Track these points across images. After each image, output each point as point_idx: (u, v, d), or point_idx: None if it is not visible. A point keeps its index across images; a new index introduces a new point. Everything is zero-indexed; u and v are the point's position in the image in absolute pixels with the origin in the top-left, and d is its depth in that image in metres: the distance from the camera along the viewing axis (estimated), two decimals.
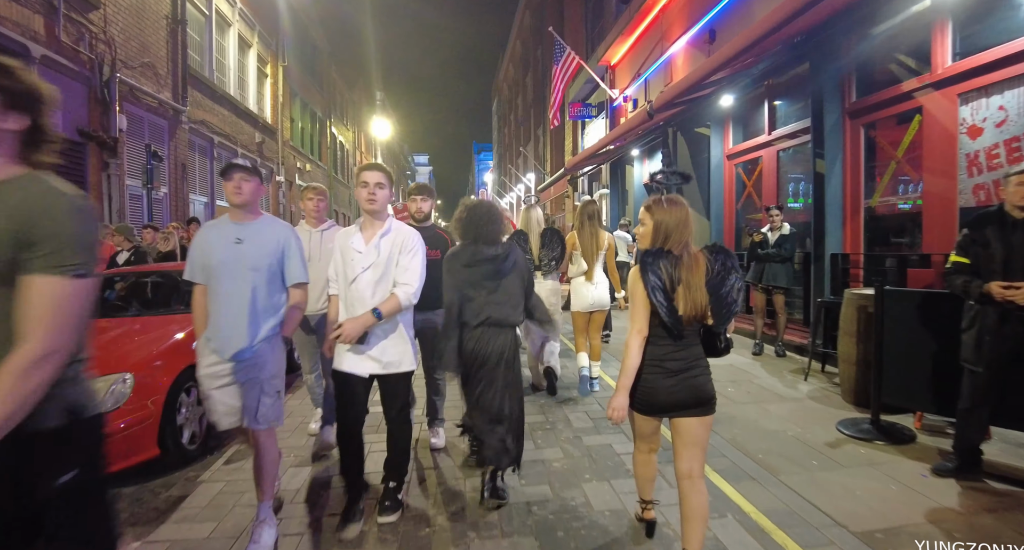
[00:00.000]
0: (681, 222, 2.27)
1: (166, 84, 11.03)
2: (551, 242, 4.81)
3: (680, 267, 2.22)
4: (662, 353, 2.26)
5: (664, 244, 2.27)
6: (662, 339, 2.26)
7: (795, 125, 6.89)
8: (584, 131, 15.73)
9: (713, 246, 2.33)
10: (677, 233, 2.25)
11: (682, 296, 2.20)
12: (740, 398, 4.93)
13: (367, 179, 2.79)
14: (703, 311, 2.22)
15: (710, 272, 2.23)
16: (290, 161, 19.41)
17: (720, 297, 2.21)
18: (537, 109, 26.24)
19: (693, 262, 2.24)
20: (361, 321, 2.62)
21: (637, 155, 11.67)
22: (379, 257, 2.75)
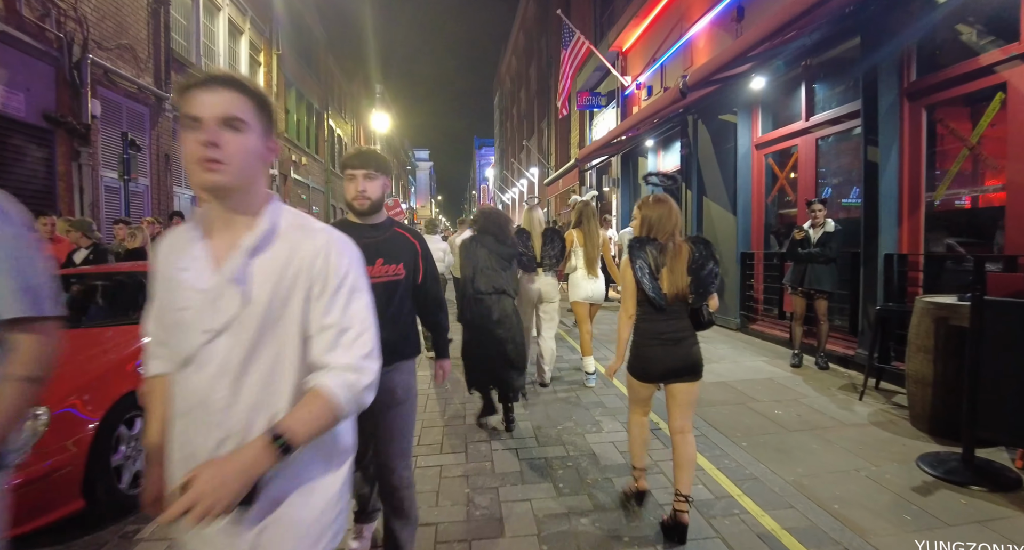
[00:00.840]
0: (664, 216, 2.65)
1: (147, 68, 10.28)
2: (551, 241, 5.11)
3: (665, 254, 2.62)
4: (657, 328, 2.64)
5: (651, 234, 2.66)
6: (653, 315, 2.65)
7: (839, 109, 6.15)
8: (592, 122, 14.98)
9: (696, 237, 2.71)
10: (661, 225, 2.65)
11: (666, 278, 2.61)
12: (792, 423, 4.21)
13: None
14: (684, 291, 2.60)
15: (692, 259, 2.62)
16: (284, 153, 18.66)
17: (700, 279, 2.60)
18: (541, 101, 25.46)
19: (677, 250, 2.63)
20: (236, 467, 1.01)
21: (651, 146, 10.92)
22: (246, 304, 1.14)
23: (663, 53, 10.14)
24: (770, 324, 7.27)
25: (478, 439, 4.00)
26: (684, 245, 2.66)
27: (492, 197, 54.08)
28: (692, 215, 8.98)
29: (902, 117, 5.20)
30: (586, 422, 4.32)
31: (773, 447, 3.78)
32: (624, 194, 12.23)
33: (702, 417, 4.34)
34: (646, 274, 2.59)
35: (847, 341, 5.97)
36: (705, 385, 5.22)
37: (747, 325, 7.52)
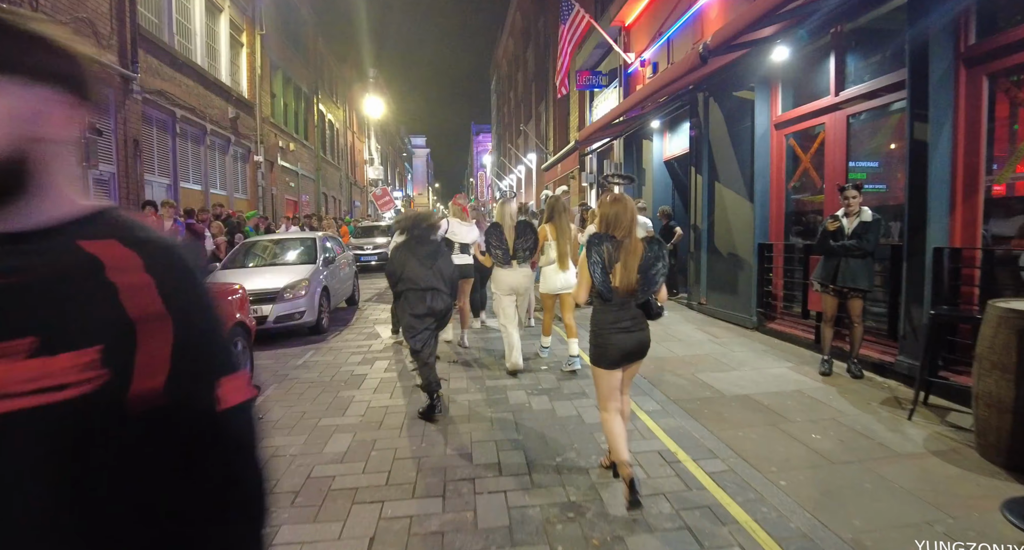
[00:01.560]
0: (620, 213, 2.91)
1: (110, 45, 9.46)
2: (524, 234, 5.25)
3: (620, 250, 2.87)
4: (614, 317, 2.89)
5: (609, 231, 2.91)
6: (606, 305, 2.90)
7: (876, 82, 5.40)
8: (592, 104, 14.17)
9: (650, 238, 2.96)
10: (617, 222, 2.90)
11: (618, 273, 2.87)
12: (835, 452, 3.53)
13: None
14: (634, 286, 2.86)
15: (644, 257, 2.86)
16: (271, 139, 17.84)
17: (647, 277, 2.86)
18: (539, 84, 24.55)
19: (633, 248, 2.88)
20: None
21: (657, 127, 10.16)
22: None
23: (670, 26, 9.33)
24: (791, 323, 6.59)
25: (459, 477, 3.33)
26: (639, 243, 2.89)
27: (490, 184, 53.17)
28: (703, 202, 8.26)
29: (957, 88, 4.46)
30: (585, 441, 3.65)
31: (818, 487, 3.11)
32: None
33: (728, 444, 3.67)
34: (598, 268, 2.84)
35: (883, 346, 5.28)
36: (726, 400, 4.57)
37: (764, 324, 6.84)
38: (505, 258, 5.26)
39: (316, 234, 9.17)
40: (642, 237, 2.93)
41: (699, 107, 8.32)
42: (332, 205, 27.49)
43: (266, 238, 9.16)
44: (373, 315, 9.38)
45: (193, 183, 12.77)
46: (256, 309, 7.14)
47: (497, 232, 5.28)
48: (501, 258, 5.27)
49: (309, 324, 7.56)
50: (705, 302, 8.29)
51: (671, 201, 10.36)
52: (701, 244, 8.33)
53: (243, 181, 15.99)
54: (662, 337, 6.81)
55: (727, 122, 7.66)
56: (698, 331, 7.15)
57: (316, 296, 7.71)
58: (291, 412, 4.58)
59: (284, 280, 7.50)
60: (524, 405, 4.53)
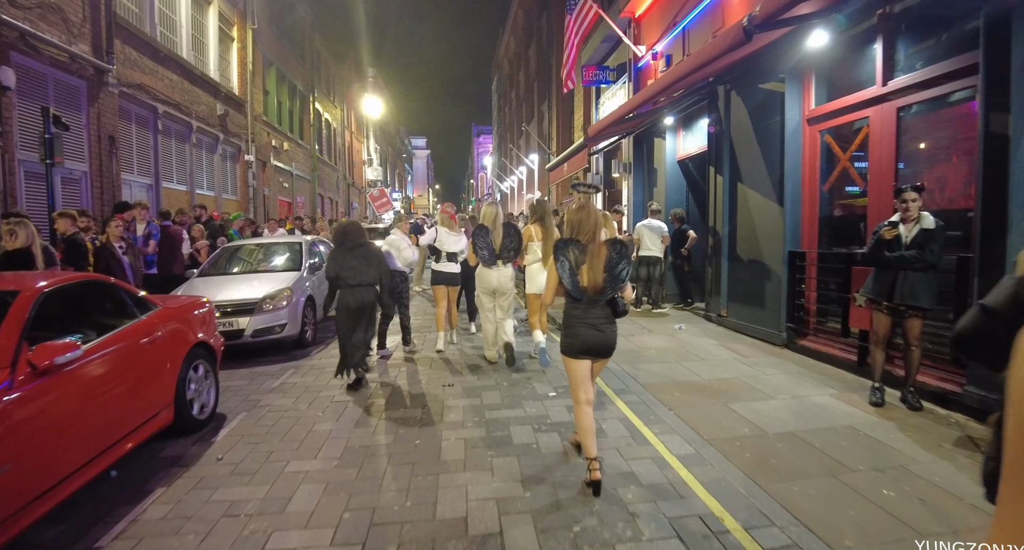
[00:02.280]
0: (584, 220, 3.16)
1: (81, 34, 8.78)
2: (509, 235, 5.51)
3: (586, 253, 3.13)
4: (584, 314, 3.15)
5: (574, 235, 3.18)
6: (576, 304, 3.16)
7: (934, 68, 4.71)
8: (599, 102, 13.47)
9: (613, 240, 3.20)
10: (582, 228, 3.16)
11: (585, 274, 3.11)
12: (920, 518, 2.82)
13: None
14: (601, 285, 3.11)
15: (609, 259, 3.12)
16: (263, 138, 17.16)
17: (613, 277, 3.11)
18: (541, 83, 23.88)
19: (598, 251, 3.14)
20: None
21: (671, 124, 9.46)
22: None
23: (686, 15, 8.65)
24: (827, 341, 5.89)
25: None
26: (604, 246, 3.14)
27: (491, 185, 52.52)
28: (724, 205, 7.56)
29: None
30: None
31: None
32: (637, 181, 10.77)
33: (785, 505, 2.96)
34: (566, 270, 3.09)
35: (943, 372, 4.59)
36: (769, 440, 3.86)
37: (795, 341, 6.14)
38: (491, 258, 5.52)
39: (302, 238, 8.49)
40: (605, 240, 3.22)
41: (719, 101, 7.63)
42: (329, 207, 26.81)
43: (247, 242, 8.47)
44: None
45: (177, 183, 12.08)
46: (231, 322, 6.47)
47: (483, 233, 5.51)
48: (487, 258, 5.52)
49: (291, 338, 6.87)
50: (726, 314, 7.59)
51: (685, 203, 9.67)
52: (721, 250, 7.64)
53: (232, 181, 15.31)
54: (682, 355, 6.11)
55: (752, 117, 6.97)
56: (721, 348, 6.46)
57: (300, 307, 7.02)
58: (256, 452, 3.88)
59: (264, 290, 6.82)
60: (531, 447, 3.83)
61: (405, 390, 5.22)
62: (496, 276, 5.58)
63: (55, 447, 2.84)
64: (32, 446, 2.66)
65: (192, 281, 7.40)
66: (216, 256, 7.99)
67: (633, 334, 7.27)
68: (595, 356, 3.20)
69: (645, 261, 8.69)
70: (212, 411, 4.57)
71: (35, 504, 2.64)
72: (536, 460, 3.59)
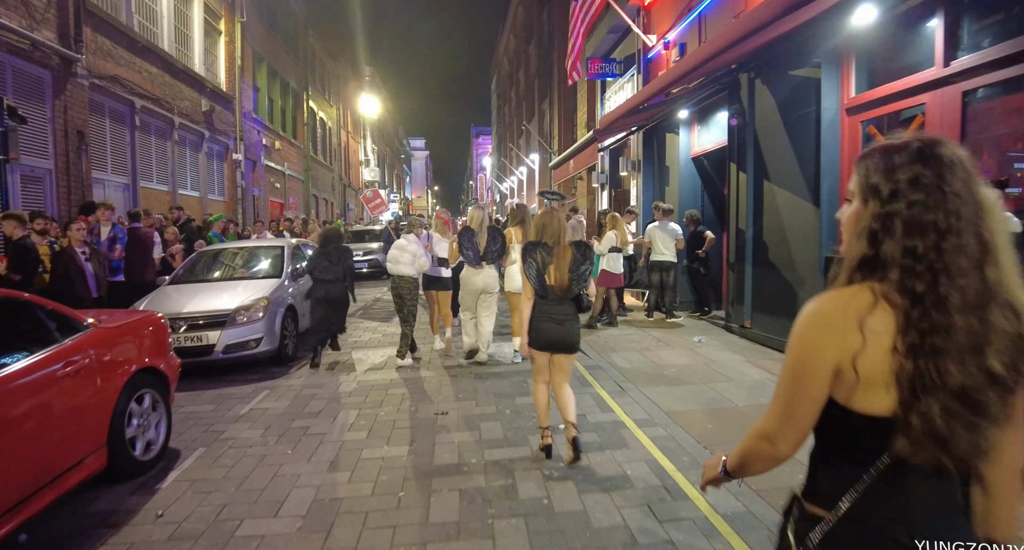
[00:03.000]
0: (549, 224, 3.51)
1: (45, 20, 8.08)
2: (494, 238, 5.68)
3: (552, 255, 3.47)
4: (548, 309, 3.47)
5: (541, 239, 3.51)
6: (543, 300, 3.48)
7: (1008, 45, 4.01)
8: (604, 97, 12.78)
9: (577, 242, 3.57)
10: (547, 232, 3.49)
11: (552, 273, 3.45)
12: None
13: None
14: (566, 284, 3.44)
15: (573, 260, 3.46)
16: (252, 136, 16.46)
17: (578, 274, 3.44)
18: (542, 80, 23.21)
19: (563, 252, 3.48)
20: None
21: (685, 119, 8.77)
22: None
23: (701, 1, 7.96)
24: None
25: None
26: (568, 248, 3.50)
27: (490, 186, 51.88)
28: (747, 205, 6.88)
29: None
30: None
31: None
32: (647, 180, 10.07)
33: None
34: (533, 271, 3.46)
35: None
36: None
37: None
38: (476, 259, 5.68)
39: (285, 242, 7.78)
40: (570, 242, 3.52)
41: (742, 91, 6.94)
42: (324, 208, 26.11)
43: (226, 246, 7.75)
44: (355, 335, 7.98)
45: (158, 182, 11.37)
46: (200, 336, 5.77)
47: (469, 235, 5.69)
48: (472, 259, 5.68)
49: (268, 354, 6.17)
50: (750, 325, 6.90)
51: (700, 203, 8.97)
52: (744, 255, 6.94)
53: (220, 181, 14.60)
54: (707, 375, 5.41)
55: (781, 108, 6.28)
56: (749, 366, 5.76)
57: (278, 318, 6.31)
58: (206, 505, 3.18)
59: (237, 299, 6.11)
60: (540, 504, 3.11)
61: (391, 419, 4.51)
62: (481, 277, 5.79)
63: None
64: None
65: (162, 289, 6.69)
66: (191, 261, 7.29)
67: (649, 348, 6.57)
68: (555, 350, 3.52)
69: (658, 266, 7.99)
70: (162, 448, 3.87)
71: None
72: (541, 520, 2.88)
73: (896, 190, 0.96)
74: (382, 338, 7.78)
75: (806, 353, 0.99)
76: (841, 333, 0.95)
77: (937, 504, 0.98)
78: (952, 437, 0.90)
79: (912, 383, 0.90)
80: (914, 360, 0.90)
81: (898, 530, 0.95)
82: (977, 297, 0.91)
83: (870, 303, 0.95)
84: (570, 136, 18.50)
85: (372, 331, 8.36)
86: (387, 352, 6.82)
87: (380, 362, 6.41)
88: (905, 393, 0.91)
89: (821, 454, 1.06)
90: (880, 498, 0.96)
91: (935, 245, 0.92)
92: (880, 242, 0.96)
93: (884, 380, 0.92)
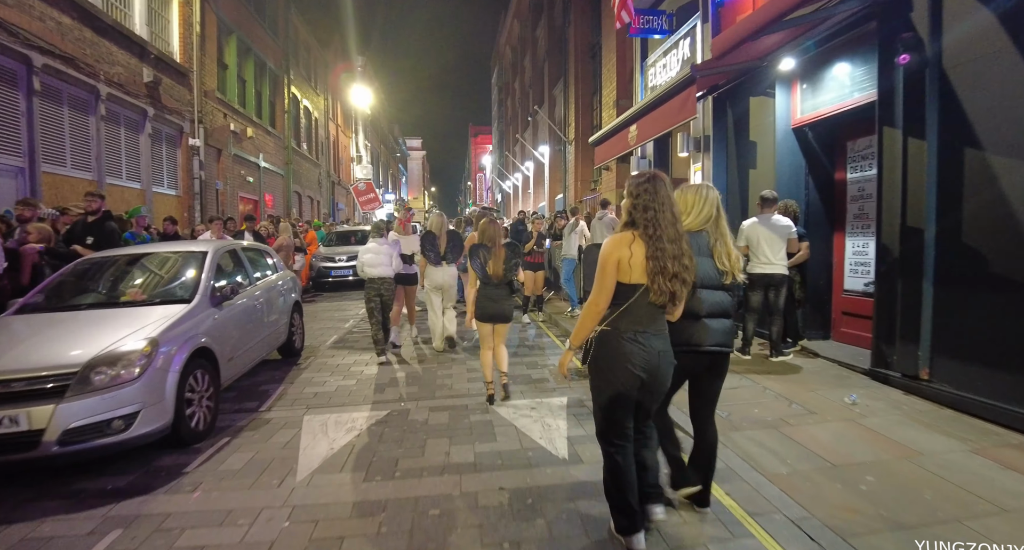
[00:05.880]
0: (488, 231, 4.69)
1: None
2: (452, 241, 6.47)
3: (491, 253, 4.62)
4: (489, 292, 4.61)
5: (483, 241, 4.66)
6: (485, 286, 4.62)
7: None
8: (644, 64, 10.22)
9: (509, 243, 4.79)
10: (488, 236, 4.66)
11: (491, 266, 4.59)
12: None
13: None
14: (501, 274, 4.60)
15: (506, 257, 4.64)
16: (217, 120, 13.88)
17: (509, 267, 4.62)
18: (553, 64, 20.71)
19: (499, 252, 4.64)
20: None
21: (786, 72, 6.21)
22: None
23: None
24: None
25: None
26: (502, 249, 4.65)
27: (490, 185, 49.36)
28: (928, 190, 4.38)
29: None
30: None
31: None
32: (718, 161, 7.49)
33: None
34: (477, 264, 4.58)
35: None
36: None
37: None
38: (436, 259, 6.39)
39: (209, 246, 5.19)
40: (504, 243, 4.73)
41: (914, 11, 4.43)
42: (309, 206, 23.51)
43: (112, 254, 5.12)
44: (318, 378, 5.47)
45: (73, 168, 8.79)
46: (15, 417, 3.22)
47: (431, 238, 6.40)
48: (432, 259, 6.39)
49: (153, 435, 3.62)
50: (928, 377, 4.39)
51: (804, 192, 6.44)
52: (922, 267, 4.44)
53: (171, 170, 12.02)
54: (940, 491, 2.85)
55: (990, 33, 3.76)
56: (983, 460, 3.23)
57: (172, 373, 3.76)
58: None
59: (98, 344, 3.57)
60: None
61: None
62: (441, 274, 6.47)
63: None
64: None
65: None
66: (56, 278, 4.72)
67: (787, 419, 4.04)
68: (494, 321, 4.67)
69: (761, 282, 5.50)
70: None
71: None
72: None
73: (637, 193, 2.39)
74: (355, 388, 5.25)
75: (608, 257, 2.35)
76: (621, 249, 2.34)
77: (649, 322, 2.38)
78: (672, 292, 2.30)
79: (652, 270, 2.30)
80: (652, 261, 2.29)
81: (628, 331, 2.35)
82: (675, 236, 2.33)
83: (632, 238, 2.35)
84: (588, 122, 15.98)
85: (343, 372, 5.82)
86: (357, 420, 4.29)
87: (342, 444, 3.87)
88: (650, 274, 2.30)
89: (609, 305, 2.38)
90: (621, 317, 2.37)
91: (652, 217, 2.32)
92: (635, 215, 2.38)
93: (640, 270, 2.31)
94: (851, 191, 6.24)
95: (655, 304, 2.32)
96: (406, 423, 4.33)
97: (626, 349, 2.32)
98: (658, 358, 2.36)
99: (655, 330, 2.37)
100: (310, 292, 13.11)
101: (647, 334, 2.33)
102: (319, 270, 13.12)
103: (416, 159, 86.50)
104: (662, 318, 2.41)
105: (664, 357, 2.39)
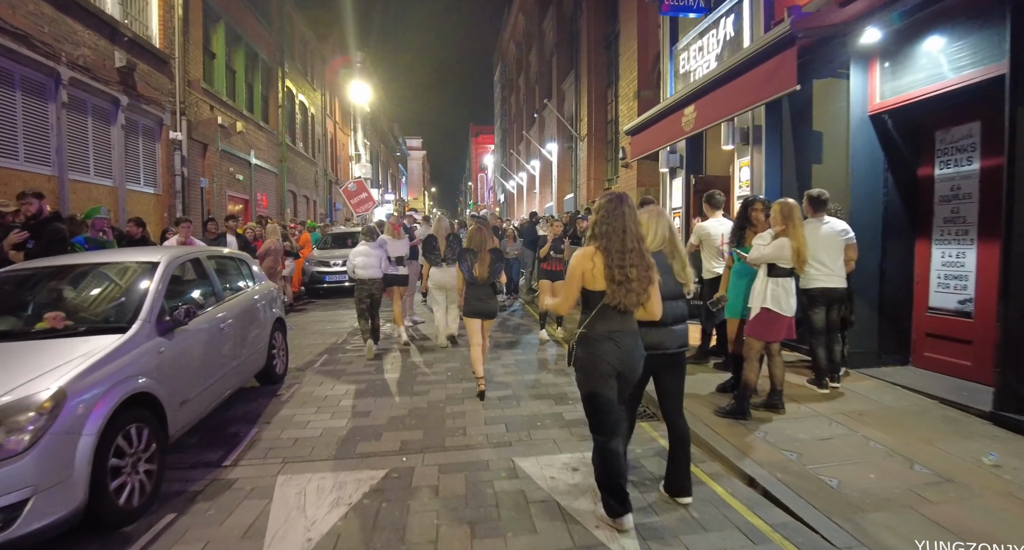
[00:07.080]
0: (475, 237, 5.21)
1: None
2: (452, 244, 6.64)
3: (477, 258, 5.12)
4: (475, 292, 5.12)
5: (470, 247, 5.17)
6: (471, 286, 5.12)
7: None
8: (673, 49, 9.17)
9: (493, 249, 5.21)
10: (475, 242, 5.18)
11: (477, 269, 5.09)
12: None
13: None
14: (486, 277, 5.10)
15: (490, 261, 5.13)
16: (202, 112, 12.82)
17: (493, 270, 5.13)
18: (562, 57, 19.67)
19: (484, 256, 5.12)
20: None
21: (867, 47, 5.17)
22: None
23: None
24: None
25: None
26: (487, 253, 5.13)
27: (491, 186, 48.33)
28: None
29: None
30: None
31: None
32: (771, 155, 6.41)
33: None
34: (466, 267, 5.08)
35: None
36: None
37: None
38: (437, 260, 6.66)
39: (162, 255, 4.12)
40: (489, 249, 5.16)
41: None
42: (305, 206, 22.44)
43: (37, 266, 4.06)
44: (301, 415, 4.46)
45: (29, 162, 7.73)
46: None
47: (432, 242, 6.61)
48: (434, 260, 6.67)
49: (55, 528, 2.58)
50: None
51: (881, 191, 5.40)
52: None
53: (149, 166, 10.95)
54: None
55: None
56: None
57: (87, 439, 2.71)
58: None
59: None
60: None
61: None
62: (442, 274, 6.74)
63: None
64: None
65: None
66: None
67: (922, 494, 3.00)
68: (481, 317, 5.16)
69: (823, 297, 4.55)
70: None
71: None
72: None
73: (600, 213, 2.76)
74: (345, 431, 4.21)
75: (574, 269, 2.74)
76: (584, 262, 2.72)
77: (622, 324, 2.74)
78: (626, 298, 2.66)
79: (610, 279, 2.66)
80: (609, 270, 2.65)
81: (603, 333, 2.72)
82: (621, 248, 2.68)
83: (594, 251, 2.72)
84: (603, 116, 14.95)
85: (331, 407, 4.78)
86: (345, 486, 3.25)
87: (323, 532, 2.83)
88: (609, 282, 2.66)
89: (583, 310, 2.78)
90: (596, 321, 2.73)
91: (607, 232, 2.70)
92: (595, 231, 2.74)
93: (601, 279, 2.67)
94: (940, 190, 5.21)
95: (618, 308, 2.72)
96: (409, 492, 3.29)
97: (602, 347, 2.72)
98: (630, 351, 2.76)
99: (627, 329, 2.76)
100: (302, 299, 12.08)
101: (620, 333, 2.73)
102: (312, 275, 12.08)
103: (416, 159, 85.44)
104: (631, 319, 2.79)
105: (636, 350, 2.79)
